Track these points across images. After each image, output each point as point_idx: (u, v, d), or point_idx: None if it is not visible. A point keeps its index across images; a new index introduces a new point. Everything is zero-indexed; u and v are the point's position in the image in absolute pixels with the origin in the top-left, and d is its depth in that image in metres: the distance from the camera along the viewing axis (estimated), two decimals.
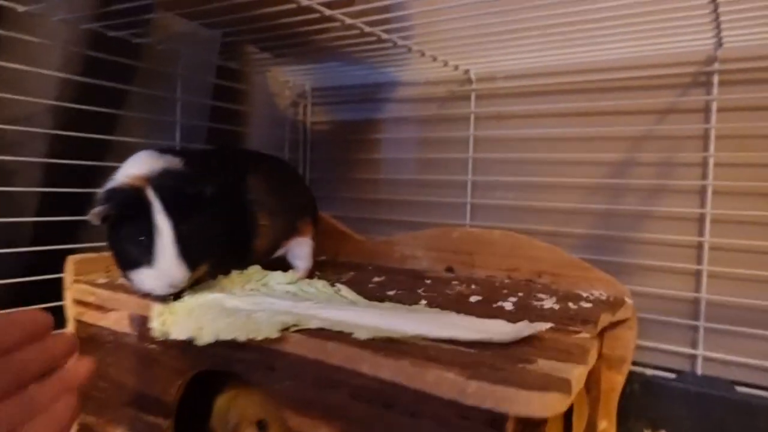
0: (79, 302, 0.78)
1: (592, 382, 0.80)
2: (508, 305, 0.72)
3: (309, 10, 0.77)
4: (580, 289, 0.83)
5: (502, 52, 0.98)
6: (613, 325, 0.81)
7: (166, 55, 1.04)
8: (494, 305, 0.72)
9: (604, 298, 0.79)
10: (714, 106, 0.87)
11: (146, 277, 0.64)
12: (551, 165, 1.03)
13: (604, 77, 0.97)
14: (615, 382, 0.83)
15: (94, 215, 0.63)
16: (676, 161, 0.92)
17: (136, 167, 0.68)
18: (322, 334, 0.56)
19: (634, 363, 0.90)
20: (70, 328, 0.79)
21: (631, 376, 0.88)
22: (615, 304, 0.77)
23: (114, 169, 0.95)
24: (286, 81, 1.32)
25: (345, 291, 0.71)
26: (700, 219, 0.89)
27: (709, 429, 0.83)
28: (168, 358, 0.68)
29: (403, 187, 1.22)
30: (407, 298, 0.74)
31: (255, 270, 0.78)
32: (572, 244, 0.99)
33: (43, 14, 0.84)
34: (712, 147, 0.87)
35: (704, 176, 0.88)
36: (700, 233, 0.89)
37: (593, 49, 0.91)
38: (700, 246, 0.89)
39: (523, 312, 0.69)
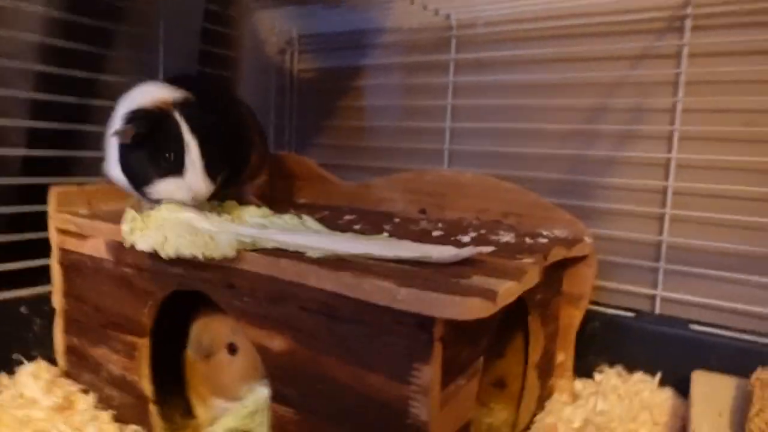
0: (62, 231, 0.82)
1: (549, 316, 0.84)
2: (465, 239, 0.75)
3: None
4: (543, 229, 0.86)
5: None
6: (573, 263, 0.84)
7: None
8: (452, 238, 0.75)
9: (562, 236, 0.82)
10: (685, 51, 0.88)
11: (174, 188, 0.70)
12: (527, 111, 1.05)
13: (580, 22, 0.97)
14: (573, 317, 0.87)
15: (124, 132, 0.69)
16: (646, 107, 0.93)
17: (156, 93, 0.74)
18: (276, 252, 0.59)
19: (597, 303, 0.94)
20: (55, 255, 0.83)
21: (593, 315, 0.92)
22: (572, 241, 0.79)
23: (99, 109, 0.99)
24: (274, 27, 1.33)
25: (310, 222, 0.75)
26: (666, 164, 0.91)
27: (662, 364, 0.86)
28: (140, 281, 0.72)
29: (385, 134, 1.24)
30: (371, 232, 0.77)
31: (232, 204, 0.81)
32: (544, 188, 1.01)
33: None
34: (681, 92, 0.88)
35: (672, 122, 0.90)
36: (666, 178, 0.91)
37: None
38: (664, 190, 0.92)
39: (478, 244, 0.72)
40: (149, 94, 0.74)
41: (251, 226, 0.72)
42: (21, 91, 0.94)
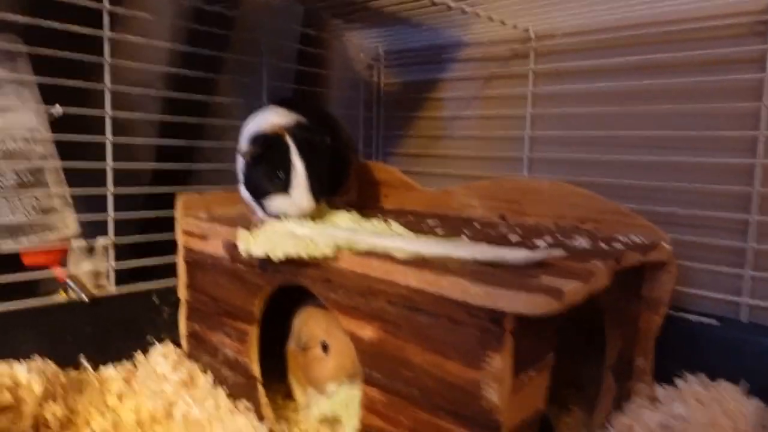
0: (187, 232, 0.96)
1: (626, 321, 0.86)
2: (541, 243, 0.80)
3: None
4: (621, 234, 0.88)
5: (559, 8, 1.02)
6: (651, 268, 0.86)
7: (254, 25, 1.19)
8: (528, 243, 0.80)
9: (639, 241, 0.84)
10: None
11: (283, 204, 0.82)
12: (606, 119, 1.07)
13: (659, 30, 0.98)
14: (652, 322, 0.88)
15: (246, 153, 0.84)
16: (729, 112, 0.92)
17: (273, 118, 0.87)
18: (368, 253, 0.68)
19: (679, 309, 0.94)
20: (180, 253, 0.98)
21: (675, 322, 0.93)
22: (649, 247, 0.81)
23: (214, 127, 1.14)
24: (361, 45, 1.43)
25: (395, 226, 0.83)
26: (750, 170, 0.90)
27: (748, 374, 0.85)
28: (251, 276, 0.83)
29: (466, 142, 1.30)
30: (452, 236, 0.84)
31: (325, 210, 0.91)
32: (625, 195, 1.03)
33: None
34: (765, 97, 0.87)
35: (756, 127, 0.89)
36: (749, 183, 0.90)
37: (649, 2, 0.93)
38: (748, 197, 0.90)
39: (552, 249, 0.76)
40: (268, 119, 0.87)
41: (344, 230, 0.82)
42: (151, 114, 1.10)
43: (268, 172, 0.83)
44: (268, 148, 0.83)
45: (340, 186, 0.97)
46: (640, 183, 1.03)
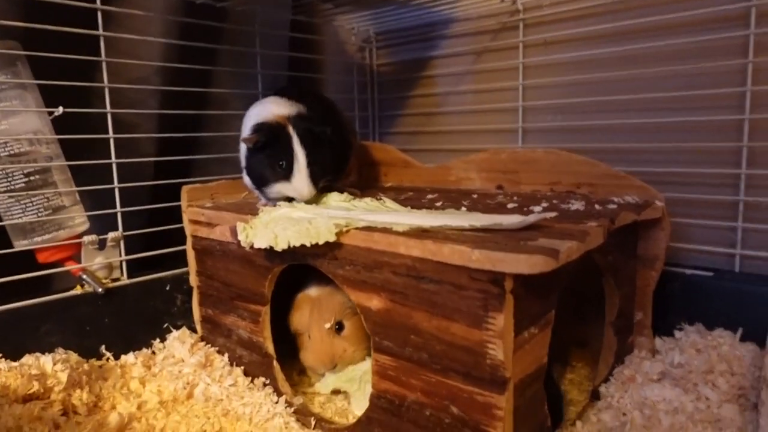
0: (193, 221, 0.99)
1: (624, 278, 0.89)
2: (537, 209, 0.82)
3: None
4: (615, 196, 0.90)
5: None
6: (646, 226, 0.89)
7: (245, 15, 1.20)
8: (525, 209, 0.83)
9: (633, 201, 0.87)
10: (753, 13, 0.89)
11: (283, 189, 0.86)
12: (596, 85, 1.09)
13: None
14: (649, 278, 0.91)
15: (248, 140, 0.87)
16: (717, 71, 0.94)
17: (275, 108, 0.90)
18: (369, 229, 0.71)
19: (675, 264, 0.97)
20: (189, 242, 1.00)
21: (671, 276, 0.96)
22: (643, 206, 0.84)
23: (211, 118, 1.16)
24: (352, 28, 1.44)
25: (389, 203, 0.85)
26: (738, 126, 0.92)
27: (743, 321, 0.89)
28: (260, 259, 0.86)
29: (460, 117, 1.32)
30: (451, 208, 0.86)
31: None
32: (619, 158, 1.06)
33: None
34: (751, 53, 0.89)
35: (743, 84, 0.91)
36: (739, 139, 0.92)
37: None
38: (739, 152, 0.93)
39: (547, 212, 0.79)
40: (270, 109, 0.90)
41: (341, 211, 0.84)
42: (149, 110, 1.12)
43: (270, 160, 0.86)
44: (271, 137, 0.86)
45: (342, 170, 0.99)
46: (633, 146, 1.05)
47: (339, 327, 0.87)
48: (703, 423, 0.73)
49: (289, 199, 0.89)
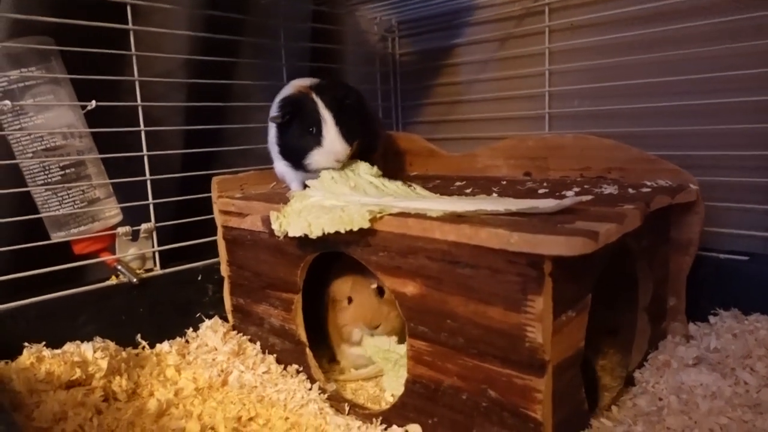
0: (224, 212, 1.00)
1: (658, 262, 0.88)
2: (569, 194, 0.82)
3: None
4: (647, 180, 0.89)
5: None
6: (679, 210, 0.87)
7: (267, 7, 1.21)
8: (557, 194, 0.82)
9: (666, 185, 0.86)
10: None
11: (318, 156, 0.87)
12: (624, 69, 1.07)
13: None
14: (682, 262, 0.90)
15: (276, 117, 0.90)
16: (747, 51, 0.92)
17: (298, 83, 0.93)
18: (403, 215, 0.71)
19: (709, 249, 0.96)
20: (219, 232, 1.02)
21: (706, 261, 0.94)
22: (677, 189, 0.83)
23: (236, 111, 1.17)
24: (374, 18, 1.44)
25: (419, 189, 0.85)
26: None
27: None
28: (292, 248, 0.87)
29: (486, 104, 1.31)
30: (481, 194, 0.86)
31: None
32: (649, 142, 1.04)
33: None
34: None
35: None
36: None
37: None
38: None
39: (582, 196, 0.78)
40: (293, 85, 0.94)
41: (365, 188, 0.84)
42: (176, 103, 1.14)
43: (300, 130, 0.88)
44: (297, 107, 0.88)
45: (371, 144, 0.98)
46: (664, 129, 1.04)
47: (380, 292, 0.87)
48: (743, 407, 0.72)
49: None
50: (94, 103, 0.95)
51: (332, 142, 0.86)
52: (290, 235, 0.79)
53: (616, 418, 0.73)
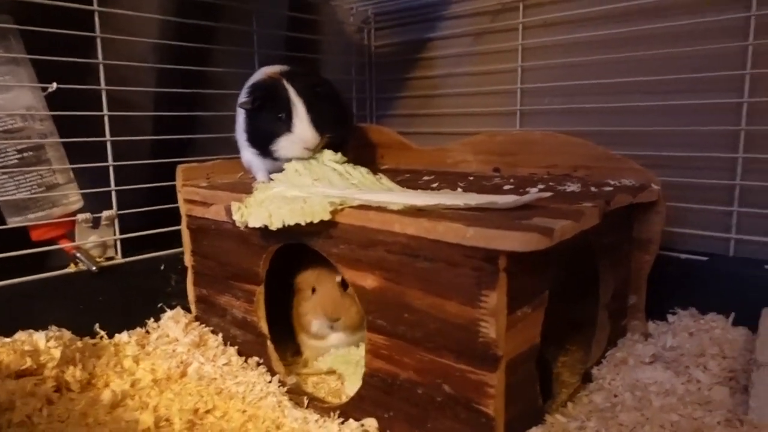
0: (188, 201, 0.98)
1: (619, 261, 0.89)
2: (533, 190, 0.82)
3: None
4: (611, 179, 0.90)
5: None
6: (641, 209, 0.88)
7: None
8: (521, 191, 0.82)
9: (629, 184, 0.86)
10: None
11: (287, 143, 0.86)
12: (595, 67, 1.08)
13: None
14: (643, 261, 0.91)
15: (245, 103, 0.88)
16: (716, 53, 0.93)
17: (268, 70, 0.92)
18: (364, 207, 0.70)
19: (670, 249, 0.97)
20: (183, 221, 1.00)
21: (666, 260, 0.96)
22: (639, 189, 0.84)
23: (208, 98, 1.14)
24: (351, 8, 1.43)
25: (385, 180, 0.85)
26: (737, 109, 0.92)
27: (736, 305, 0.89)
28: (255, 238, 0.86)
29: (458, 99, 1.31)
30: (447, 189, 0.86)
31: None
32: (616, 141, 1.05)
33: None
34: (752, 36, 0.88)
35: (742, 66, 0.90)
36: (737, 123, 0.92)
37: None
38: (736, 135, 0.92)
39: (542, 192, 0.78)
40: (262, 71, 0.92)
41: (329, 175, 0.83)
42: (143, 88, 1.11)
43: (269, 116, 0.86)
44: (267, 93, 0.86)
45: (342, 134, 0.96)
46: (631, 129, 1.05)
47: (344, 285, 0.86)
48: (693, 405, 0.73)
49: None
50: (54, 85, 0.93)
51: (303, 129, 0.85)
52: (250, 225, 0.78)
53: (570, 414, 0.74)
